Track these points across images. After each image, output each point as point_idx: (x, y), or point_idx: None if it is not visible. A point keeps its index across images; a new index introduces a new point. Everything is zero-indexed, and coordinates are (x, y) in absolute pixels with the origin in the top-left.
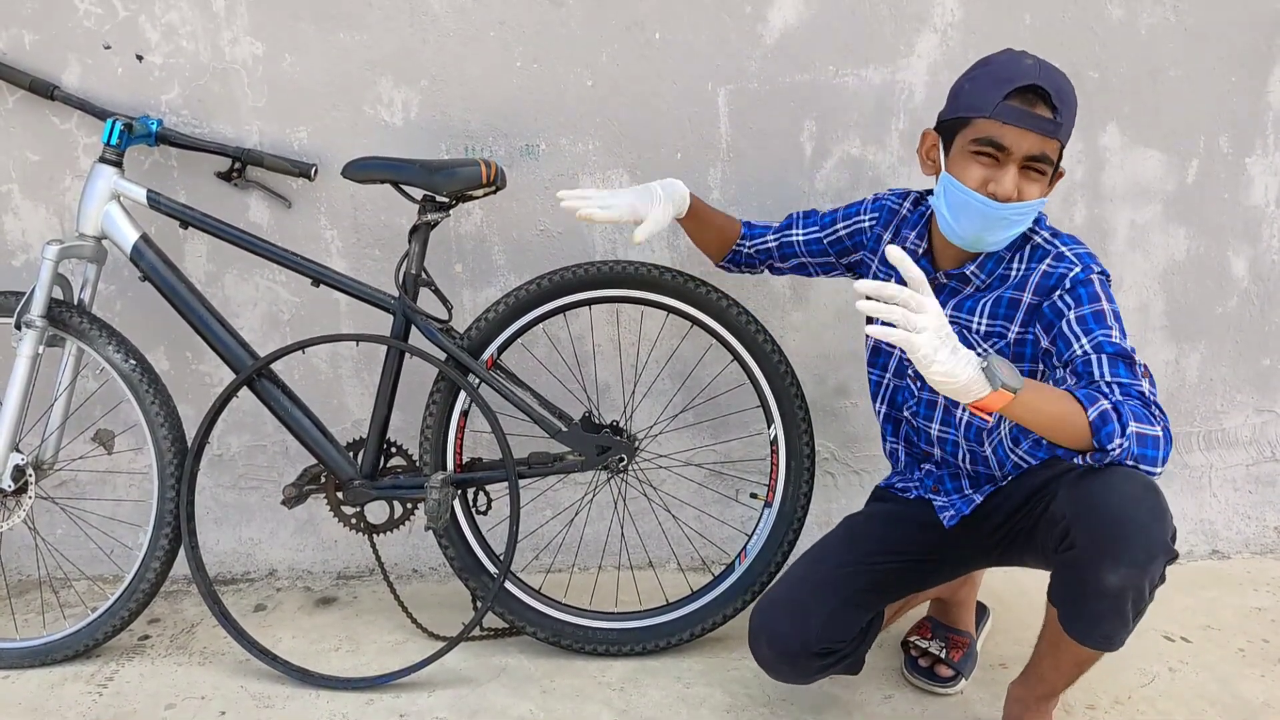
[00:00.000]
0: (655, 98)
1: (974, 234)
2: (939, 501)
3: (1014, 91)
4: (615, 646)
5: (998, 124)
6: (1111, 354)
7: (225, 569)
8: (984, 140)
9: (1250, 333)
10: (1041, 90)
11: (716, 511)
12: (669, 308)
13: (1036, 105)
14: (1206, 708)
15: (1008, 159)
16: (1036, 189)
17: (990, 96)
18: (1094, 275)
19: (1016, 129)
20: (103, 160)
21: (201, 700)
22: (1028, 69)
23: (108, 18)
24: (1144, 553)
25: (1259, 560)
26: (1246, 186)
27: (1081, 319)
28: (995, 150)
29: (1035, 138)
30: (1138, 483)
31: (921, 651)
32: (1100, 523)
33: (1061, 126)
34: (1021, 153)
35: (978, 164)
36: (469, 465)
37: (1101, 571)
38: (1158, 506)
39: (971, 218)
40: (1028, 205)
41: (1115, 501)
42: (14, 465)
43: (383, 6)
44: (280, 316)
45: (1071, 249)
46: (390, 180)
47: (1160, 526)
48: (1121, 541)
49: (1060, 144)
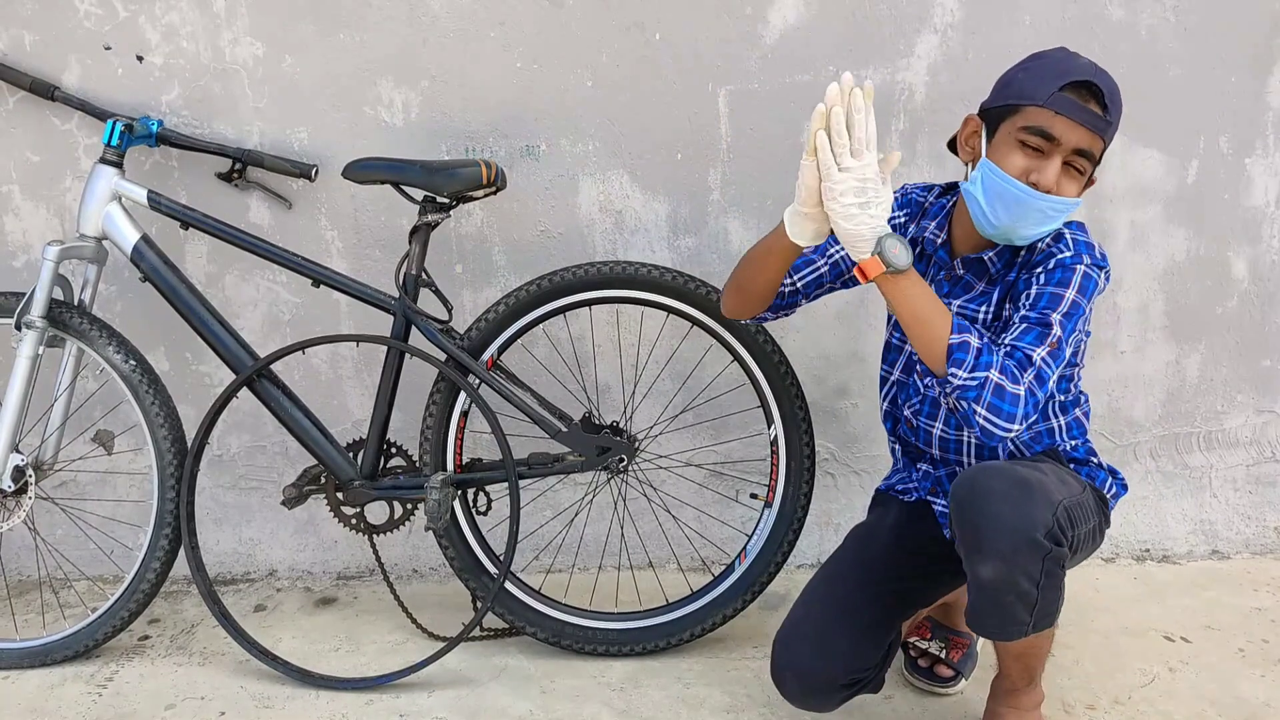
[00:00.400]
0: (656, 98)
1: (1008, 223)
2: (939, 506)
3: (1069, 84)
4: (615, 647)
5: (1050, 113)
6: (1032, 322)
7: (225, 569)
8: (1033, 129)
9: (1250, 333)
10: (1096, 87)
11: (716, 512)
12: (669, 308)
13: (1089, 101)
14: (1206, 708)
15: (1054, 150)
16: (1074, 187)
17: (1045, 86)
18: (1081, 265)
19: (1068, 120)
20: (103, 161)
21: (201, 700)
22: (1084, 66)
23: (108, 18)
24: (1004, 545)
25: (1259, 560)
26: (1246, 187)
27: (1039, 296)
28: (1043, 140)
29: (1085, 132)
30: (1004, 477)
31: (921, 652)
32: (963, 517)
33: (1111, 126)
34: (1070, 145)
35: (1022, 153)
36: (469, 466)
37: (972, 565)
38: (1021, 501)
39: (1008, 206)
40: (1064, 201)
41: (977, 497)
42: (14, 466)
43: (383, 7)
44: (280, 317)
45: (1076, 236)
46: (391, 181)
47: (1023, 522)
48: (981, 535)
49: (1104, 144)
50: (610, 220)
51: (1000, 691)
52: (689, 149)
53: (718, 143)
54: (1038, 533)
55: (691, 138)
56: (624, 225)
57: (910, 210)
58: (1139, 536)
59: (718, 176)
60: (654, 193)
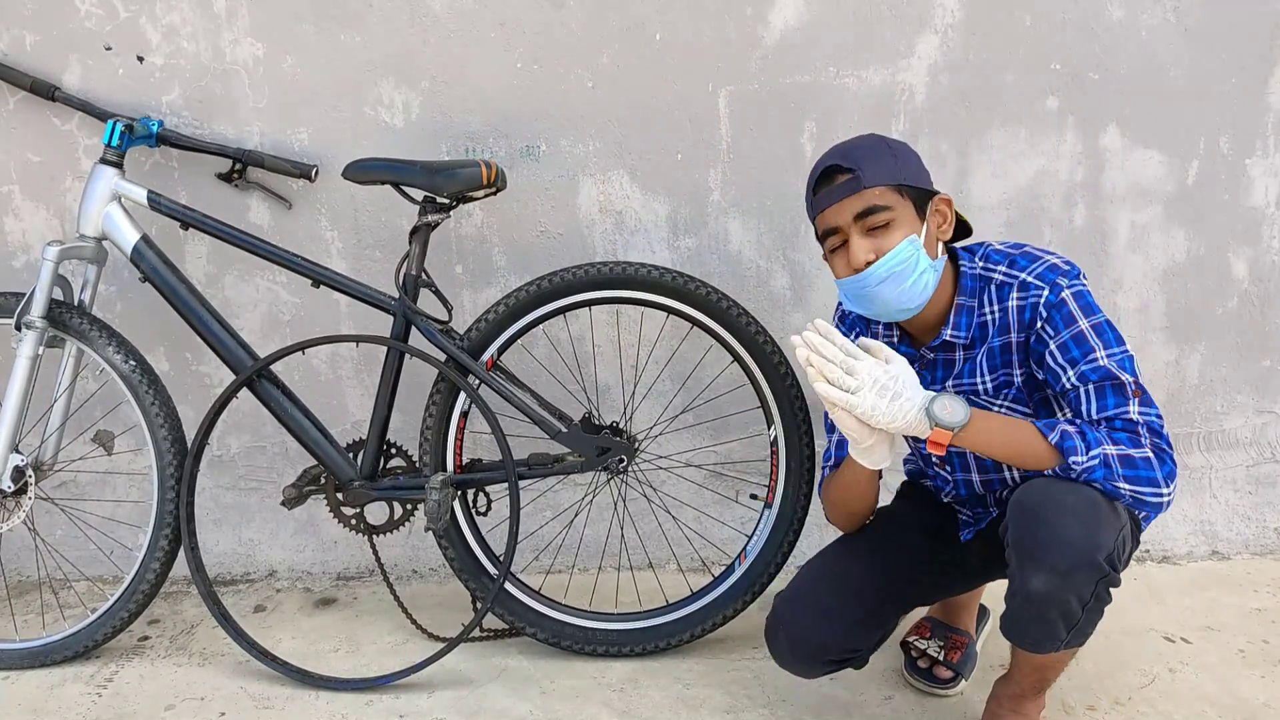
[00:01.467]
0: (656, 99)
1: (881, 308)
2: (964, 515)
3: (817, 183)
4: (615, 647)
5: (820, 215)
6: (1097, 382)
7: (225, 570)
8: (823, 235)
9: (1250, 334)
10: (831, 166)
11: (716, 512)
12: (669, 309)
13: (834, 178)
14: (1206, 708)
15: (844, 234)
16: (896, 234)
17: (809, 202)
18: (1064, 292)
19: (830, 208)
20: (103, 161)
21: (201, 701)
22: (820, 161)
23: (109, 19)
24: (1064, 561)
25: (1259, 561)
26: (1247, 188)
27: (1064, 347)
28: (834, 236)
29: (848, 201)
30: (1079, 494)
31: (920, 652)
32: (1026, 525)
33: (860, 175)
34: (848, 220)
35: (836, 256)
36: (469, 466)
37: (1024, 574)
38: (1091, 521)
39: (863, 299)
40: (893, 254)
41: (1046, 509)
42: (14, 466)
43: (383, 7)
44: (280, 317)
45: (1032, 271)
46: (391, 181)
47: (1088, 541)
48: (1042, 546)
49: (876, 188)
50: (610, 221)
51: (1004, 695)
52: (689, 149)
53: (718, 143)
54: (1100, 555)
55: (691, 138)
56: (624, 226)
57: (858, 328)
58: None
59: (718, 176)
60: (654, 193)
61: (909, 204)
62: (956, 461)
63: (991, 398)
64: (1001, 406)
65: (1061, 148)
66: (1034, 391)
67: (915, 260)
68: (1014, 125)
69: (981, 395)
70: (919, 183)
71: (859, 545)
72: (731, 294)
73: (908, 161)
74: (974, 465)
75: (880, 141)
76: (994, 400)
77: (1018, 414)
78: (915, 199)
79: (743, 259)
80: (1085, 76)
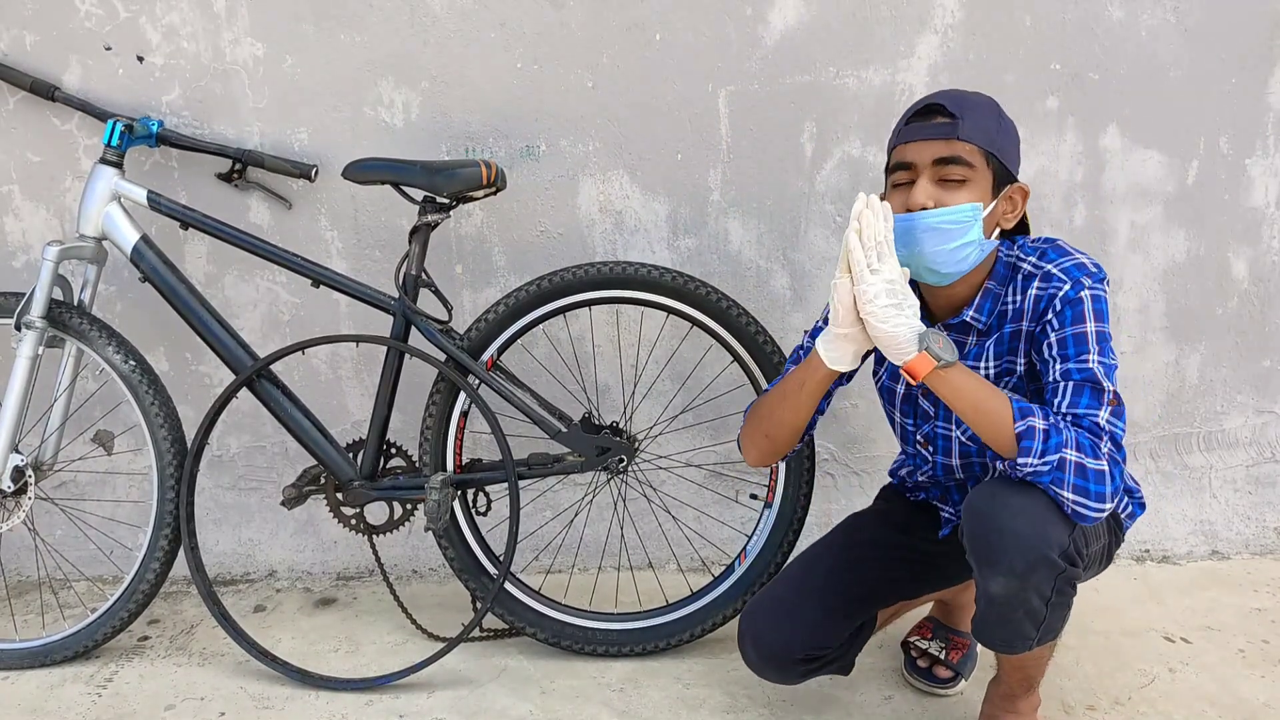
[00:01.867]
0: (656, 99)
1: (915, 258)
2: (946, 513)
3: (912, 116)
4: (615, 647)
5: (901, 146)
6: (1078, 380)
7: (225, 570)
8: (894, 167)
9: (1250, 334)
10: (936, 105)
11: (716, 512)
12: (669, 308)
13: (932, 117)
14: (1206, 708)
15: (917, 173)
16: (964, 194)
17: (897, 129)
18: (1085, 291)
19: (915, 143)
20: (103, 161)
21: (201, 701)
22: (927, 97)
23: (109, 19)
24: (1019, 562)
25: (1259, 561)
26: (1247, 188)
27: (1062, 342)
28: (904, 171)
29: (935, 144)
30: (1025, 494)
31: (921, 652)
32: (978, 530)
33: (960, 124)
34: (927, 160)
35: (896, 192)
36: (469, 466)
37: (983, 579)
38: (1040, 519)
39: (903, 240)
40: (952, 211)
41: (996, 511)
42: (14, 466)
43: (383, 7)
44: (280, 317)
45: (1059, 264)
46: (391, 181)
47: (1040, 539)
48: (995, 550)
49: (969, 144)
50: (610, 220)
51: (996, 696)
52: (689, 149)
53: (718, 143)
54: (1053, 551)
55: (691, 138)
56: (624, 225)
57: None
58: (1139, 537)
59: (718, 177)
60: (654, 193)
61: (989, 174)
62: (940, 443)
63: (993, 381)
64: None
65: (1061, 148)
66: (1032, 382)
67: (969, 227)
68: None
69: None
70: (1008, 161)
71: (824, 547)
72: (731, 294)
73: (1008, 137)
74: (956, 450)
75: (994, 106)
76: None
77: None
78: (997, 173)
79: (743, 259)
80: (1085, 76)
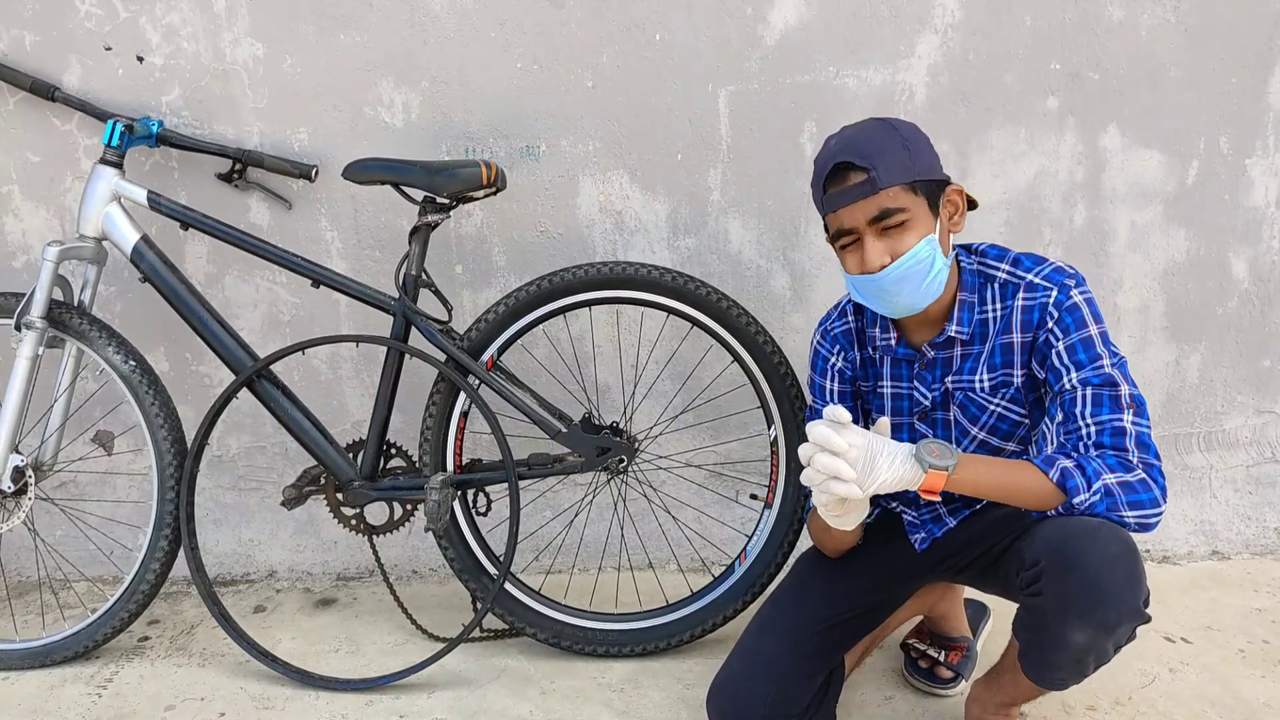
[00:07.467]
0: (656, 99)
1: (891, 306)
2: (909, 516)
3: (827, 179)
4: (615, 647)
5: (832, 215)
6: (1097, 386)
7: (225, 570)
8: (835, 235)
9: (1250, 333)
10: (843, 164)
11: (716, 513)
12: (669, 309)
13: (848, 178)
14: (1207, 709)
15: (858, 233)
16: (911, 235)
17: (818, 197)
18: (1076, 297)
19: (843, 209)
20: (103, 161)
21: (201, 701)
22: (830, 152)
23: (108, 19)
24: (1114, 617)
25: (1259, 561)
26: (1247, 187)
27: (1070, 349)
28: (846, 236)
29: (862, 205)
30: (1118, 543)
31: (921, 653)
32: (1073, 580)
33: (875, 176)
34: (862, 224)
35: (848, 253)
36: (469, 466)
37: (1067, 628)
38: (1133, 570)
39: (876, 296)
40: (911, 256)
41: (1092, 561)
42: (14, 466)
43: (383, 7)
44: (280, 317)
45: (1038, 273)
46: (391, 181)
47: (1134, 593)
48: (1093, 605)
49: (891, 188)
50: (610, 220)
51: (991, 701)
52: (689, 149)
53: (718, 143)
54: (1141, 602)
55: (691, 138)
56: (624, 226)
57: (841, 343)
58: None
59: (718, 176)
60: (654, 193)
61: (923, 201)
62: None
63: (989, 396)
64: (998, 406)
65: (1061, 148)
66: (1030, 392)
67: (931, 261)
68: (1014, 125)
69: (978, 393)
70: (931, 174)
71: (776, 605)
72: (731, 294)
73: (920, 152)
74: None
75: (891, 132)
76: (991, 399)
77: (1013, 414)
78: (929, 194)
79: (743, 259)
80: (1085, 76)
